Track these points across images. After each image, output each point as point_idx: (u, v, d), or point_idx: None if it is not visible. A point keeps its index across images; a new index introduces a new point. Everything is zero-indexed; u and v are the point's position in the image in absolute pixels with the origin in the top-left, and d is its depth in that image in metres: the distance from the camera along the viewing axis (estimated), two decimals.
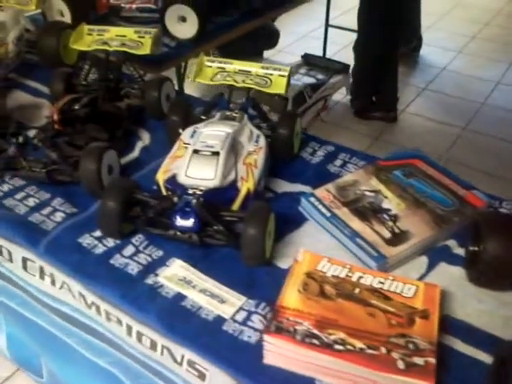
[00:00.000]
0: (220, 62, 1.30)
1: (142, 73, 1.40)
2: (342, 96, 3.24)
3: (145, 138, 1.33)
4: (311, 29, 4.31)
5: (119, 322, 0.95)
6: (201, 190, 0.99)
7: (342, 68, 3.34)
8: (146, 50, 1.37)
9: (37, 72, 1.61)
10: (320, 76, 3.20)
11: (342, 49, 3.99)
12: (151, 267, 0.96)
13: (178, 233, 0.96)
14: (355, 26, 3.80)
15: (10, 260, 1.11)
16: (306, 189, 1.15)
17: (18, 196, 1.12)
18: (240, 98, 1.30)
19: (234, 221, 0.98)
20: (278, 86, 1.24)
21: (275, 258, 0.98)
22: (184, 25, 1.67)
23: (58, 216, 1.07)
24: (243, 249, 0.93)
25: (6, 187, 1.15)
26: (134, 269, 0.95)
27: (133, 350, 0.97)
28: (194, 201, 0.94)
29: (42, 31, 1.55)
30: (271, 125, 1.23)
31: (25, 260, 1.08)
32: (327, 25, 3.64)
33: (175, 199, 0.95)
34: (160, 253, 0.99)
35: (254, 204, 0.96)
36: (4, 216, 1.08)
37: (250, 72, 1.28)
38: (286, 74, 1.25)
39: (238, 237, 0.96)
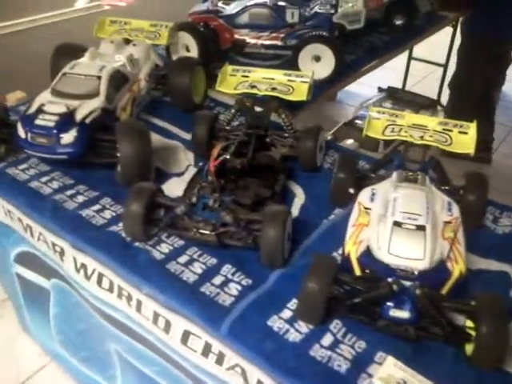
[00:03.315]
0: (391, 115, 1.18)
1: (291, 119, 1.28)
2: None
3: (299, 194, 1.20)
4: None
5: None
6: (412, 274, 0.85)
7: (430, 103, 3.19)
8: (301, 95, 1.26)
9: (163, 110, 1.52)
10: (407, 111, 3.06)
11: (421, 81, 3.85)
12: (358, 363, 0.82)
13: (391, 324, 0.82)
14: (433, 58, 3.67)
15: (167, 331, 0.99)
16: (504, 267, 1.01)
17: (182, 260, 1.00)
18: None
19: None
20: (463, 145, 1.10)
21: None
22: (317, 64, 1.56)
23: (233, 288, 0.94)
24: (477, 351, 0.78)
25: (165, 248, 1.03)
26: (341, 365, 0.81)
27: None
28: (418, 291, 0.80)
29: (173, 68, 1.46)
30: (455, 189, 1.09)
31: (187, 334, 0.96)
32: (410, 57, 3.50)
33: (394, 287, 0.81)
34: (362, 344, 0.85)
35: (487, 296, 0.82)
36: (170, 283, 0.96)
37: (426, 127, 1.15)
38: (473, 132, 1.11)
39: (458, 332, 0.82)
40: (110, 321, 1.15)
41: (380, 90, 3.51)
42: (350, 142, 2.84)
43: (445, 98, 3.38)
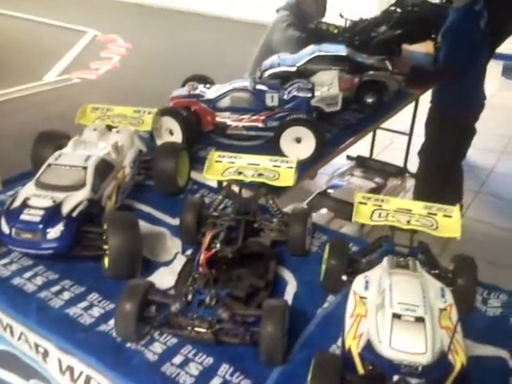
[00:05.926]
0: (376, 200, 1.21)
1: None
2: None
3: (290, 280, 1.19)
4: None
5: None
6: (416, 369, 0.84)
7: (398, 171, 3.32)
8: (287, 181, 1.29)
9: (146, 194, 1.51)
10: (377, 179, 3.16)
11: (385, 149, 4.00)
12: None
13: None
14: (395, 126, 3.84)
15: None
16: (500, 352, 1.01)
17: (177, 360, 0.96)
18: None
19: None
20: (449, 229, 1.14)
21: None
22: (299, 146, 1.60)
23: None
24: None
25: (158, 347, 0.99)
26: None
27: None
28: None
29: (159, 154, 1.47)
30: (444, 273, 1.11)
31: None
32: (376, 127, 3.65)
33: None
34: None
35: None
36: None
37: (411, 211, 1.19)
38: (457, 215, 1.15)
39: None
40: None
41: (349, 158, 3.64)
42: (324, 211, 2.87)
43: (411, 165, 3.52)
